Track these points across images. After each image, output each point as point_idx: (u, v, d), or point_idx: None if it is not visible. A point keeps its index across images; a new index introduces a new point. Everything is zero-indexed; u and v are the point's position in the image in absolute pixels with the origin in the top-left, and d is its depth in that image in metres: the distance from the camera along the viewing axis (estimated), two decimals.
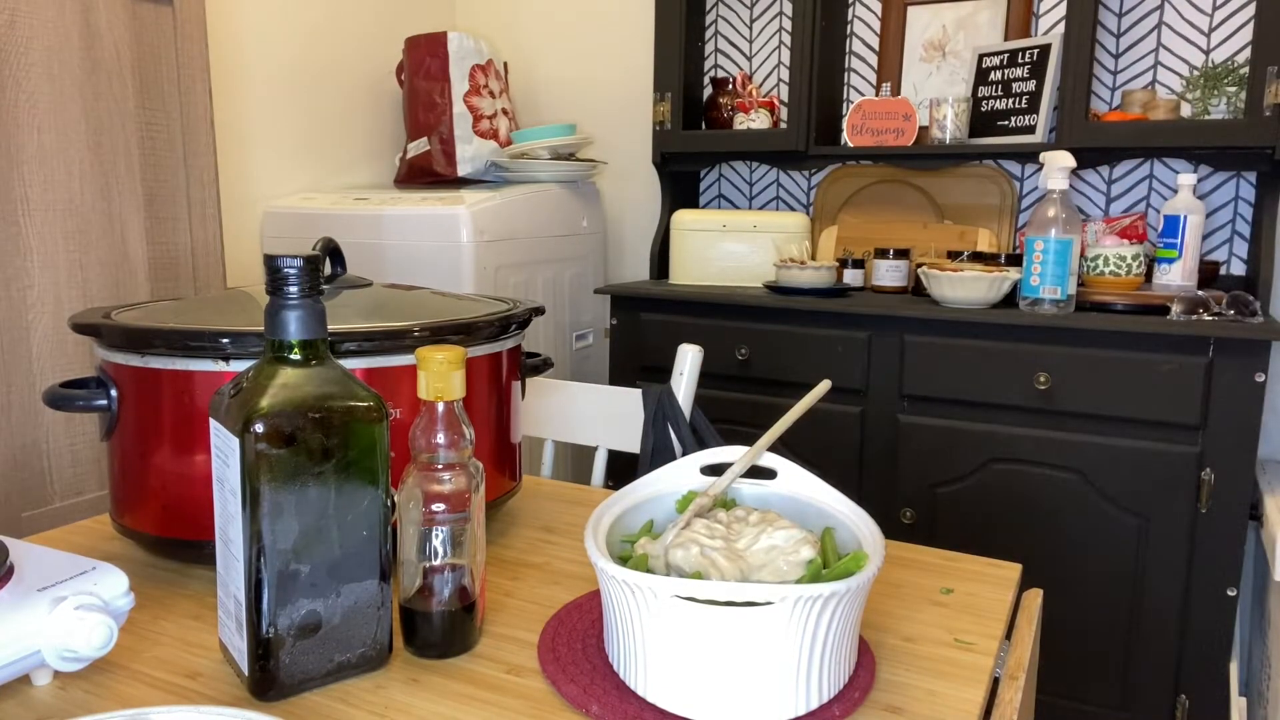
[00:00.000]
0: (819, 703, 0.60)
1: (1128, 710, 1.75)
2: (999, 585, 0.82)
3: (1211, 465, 1.62)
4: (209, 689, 0.64)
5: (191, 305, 0.91)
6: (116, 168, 1.64)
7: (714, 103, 2.33)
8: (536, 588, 0.81)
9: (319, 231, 2.06)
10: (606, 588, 0.62)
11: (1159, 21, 2.00)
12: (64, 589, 0.63)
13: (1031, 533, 1.77)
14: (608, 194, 2.60)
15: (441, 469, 0.66)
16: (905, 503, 1.88)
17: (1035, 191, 2.17)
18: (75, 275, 1.59)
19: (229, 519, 0.62)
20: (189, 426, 0.77)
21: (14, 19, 1.48)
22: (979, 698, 0.64)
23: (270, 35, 2.17)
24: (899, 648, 0.71)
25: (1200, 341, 1.61)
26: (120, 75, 1.64)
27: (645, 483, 0.75)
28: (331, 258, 0.96)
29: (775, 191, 2.47)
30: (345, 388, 0.63)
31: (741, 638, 0.56)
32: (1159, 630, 1.70)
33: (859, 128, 2.11)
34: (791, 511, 0.72)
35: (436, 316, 0.85)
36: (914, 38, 2.24)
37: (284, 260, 0.61)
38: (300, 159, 2.28)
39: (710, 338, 2.02)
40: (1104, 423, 1.70)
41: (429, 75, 2.26)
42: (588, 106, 2.64)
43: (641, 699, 0.61)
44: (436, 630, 0.68)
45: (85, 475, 1.61)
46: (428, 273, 1.95)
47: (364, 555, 0.64)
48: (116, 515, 0.84)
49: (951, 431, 1.82)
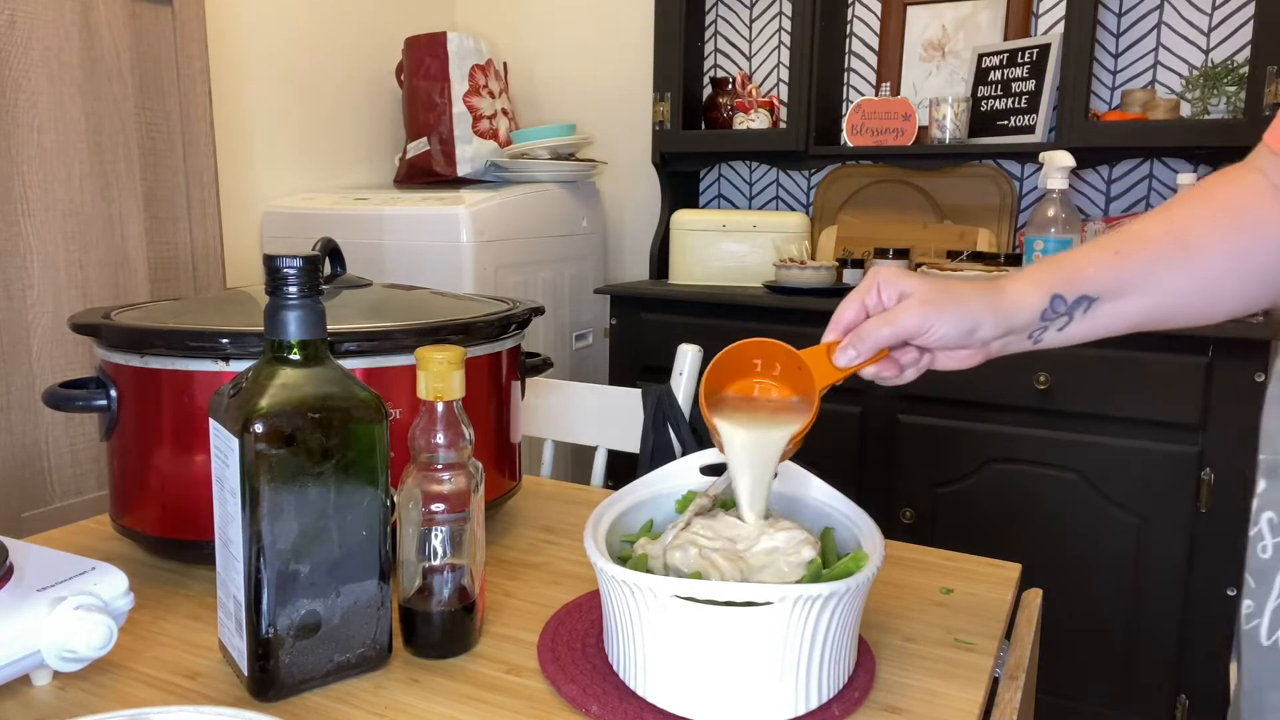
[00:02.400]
0: (819, 703, 0.60)
1: (1128, 710, 1.75)
2: (999, 585, 0.82)
3: (1211, 465, 1.62)
4: (209, 689, 0.64)
5: (191, 305, 0.91)
6: (116, 168, 1.64)
7: (714, 102, 2.33)
8: (536, 588, 0.81)
9: (319, 231, 2.05)
10: (606, 588, 0.62)
11: (1159, 21, 2.00)
12: (64, 589, 0.63)
13: (1031, 533, 1.77)
14: (607, 194, 2.60)
15: (441, 469, 0.66)
16: (905, 503, 1.88)
17: (1035, 191, 2.17)
18: (75, 275, 1.59)
19: (229, 519, 0.62)
20: (189, 426, 0.77)
21: (14, 19, 1.48)
22: (979, 698, 0.64)
23: (270, 35, 2.17)
24: (899, 648, 0.71)
25: (1200, 341, 1.61)
26: (120, 75, 1.64)
27: (645, 483, 0.75)
28: (331, 258, 0.96)
29: (775, 191, 2.47)
30: (345, 388, 0.63)
31: (741, 638, 0.56)
32: (1159, 630, 1.70)
33: (859, 128, 2.11)
34: (791, 511, 0.72)
35: (436, 316, 0.85)
36: (914, 37, 2.24)
37: (284, 260, 0.61)
38: (300, 159, 2.28)
39: (710, 338, 2.01)
40: (1104, 423, 1.70)
41: (429, 75, 2.26)
42: (588, 106, 2.64)
43: (641, 699, 0.61)
44: (436, 630, 0.68)
45: (85, 475, 1.61)
46: (428, 273, 1.95)
47: (364, 555, 0.64)
48: (116, 515, 0.84)
49: (951, 431, 1.82)
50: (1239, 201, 0.69)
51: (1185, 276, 0.69)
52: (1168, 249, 0.68)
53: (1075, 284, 0.68)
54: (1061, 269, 0.69)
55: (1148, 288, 0.68)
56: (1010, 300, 0.67)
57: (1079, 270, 0.68)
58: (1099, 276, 0.68)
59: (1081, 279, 0.68)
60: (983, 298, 0.67)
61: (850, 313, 0.68)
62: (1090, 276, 0.68)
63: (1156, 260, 0.68)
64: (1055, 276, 0.68)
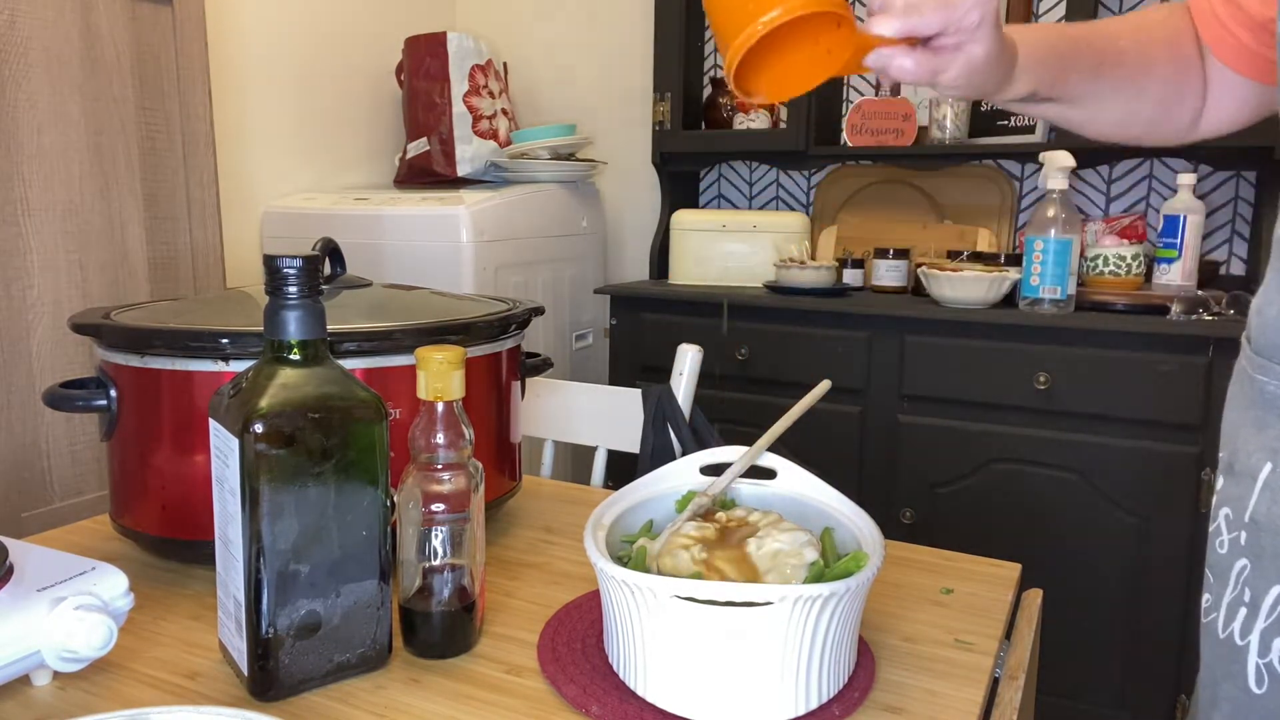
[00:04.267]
0: (819, 703, 0.60)
1: (1128, 710, 1.75)
2: (999, 585, 0.82)
3: (1211, 465, 1.62)
4: (209, 689, 0.64)
5: (191, 305, 0.91)
6: (116, 168, 1.64)
7: (714, 102, 2.33)
8: (536, 588, 0.81)
9: (319, 231, 2.05)
10: (606, 588, 0.62)
11: None
12: (64, 589, 0.63)
13: (1031, 533, 1.77)
14: (607, 194, 2.60)
15: (441, 469, 0.66)
16: (905, 503, 1.88)
17: (1035, 191, 2.17)
18: (75, 275, 1.59)
19: (229, 519, 0.62)
20: (189, 427, 0.77)
21: (14, 19, 1.48)
22: (979, 698, 0.64)
23: (270, 35, 2.17)
24: (899, 648, 0.71)
25: (1200, 341, 1.61)
26: (120, 75, 1.64)
27: (645, 483, 0.75)
28: (331, 258, 0.96)
29: (775, 191, 2.47)
30: (345, 388, 0.63)
31: (741, 638, 0.56)
32: (1159, 630, 1.70)
33: (859, 128, 2.11)
34: (791, 511, 0.72)
35: (436, 316, 0.85)
36: None
37: (283, 260, 0.61)
38: (300, 159, 2.28)
39: (710, 338, 2.02)
40: (1104, 423, 1.70)
41: (429, 75, 2.26)
42: (588, 106, 2.64)
43: (641, 699, 0.61)
44: (436, 630, 0.68)
45: (85, 475, 1.61)
46: (428, 273, 1.95)
47: (363, 555, 0.64)
48: (116, 515, 0.84)
49: (951, 431, 1.82)
50: (1184, 52, 0.76)
51: (1127, 102, 0.75)
52: (1132, 75, 0.74)
53: (1056, 86, 0.72)
54: (1057, 65, 0.72)
55: (1098, 103, 0.75)
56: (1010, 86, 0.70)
57: (1065, 74, 0.72)
58: (1077, 85, 0.73)
59: (1063, 84, 0.73)
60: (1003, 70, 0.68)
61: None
62: (1070, 84, 0.73)
63: (1120, 82, 0.74)
64: (1049, 72, 0.71)
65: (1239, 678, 0.62)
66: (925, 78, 0.65)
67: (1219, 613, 0.64)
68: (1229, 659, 0.63)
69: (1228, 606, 0.63)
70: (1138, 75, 0.75)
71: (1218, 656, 0.64)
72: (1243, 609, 0.62)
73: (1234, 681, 0.62)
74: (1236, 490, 0.64)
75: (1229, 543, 0.64)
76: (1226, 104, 0.77)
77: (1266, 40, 0.70)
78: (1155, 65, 0.75)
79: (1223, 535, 0.65)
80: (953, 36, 0.63)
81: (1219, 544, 0.65)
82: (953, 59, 0.64)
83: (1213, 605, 0.65)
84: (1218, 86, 0.76)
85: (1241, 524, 0.63)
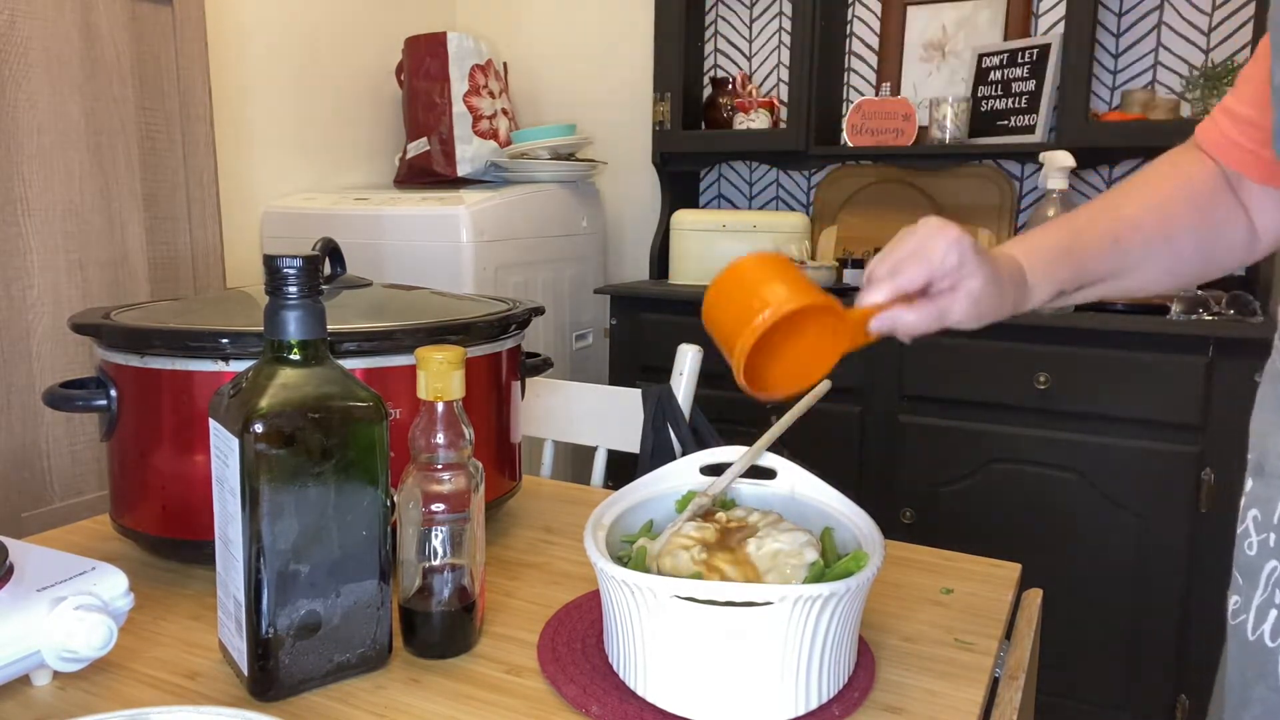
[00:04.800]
0: (819, 703, 0.60)
1: (1128, 710, 1.75)
2: (999, 585, 0.82)
3: (1211, 465, 1.62)
4: (209, 689, 0.64)
5: (191, 305, 0.91)
6: (116, 168, 1.64)
7: (714, 103, 2.33)
8: (536, 588, 0.81)
9: (319, 231, 2.05)
10: (606, 588, 0.62)
11: (1159, 21, 2.00)
12: (64, 589, 0.63)
13: (1031, 533, 1.77)
14: (607, 194, 2.60)
15: (441, 469, 0.66)
16: (905, 503, 1.88)
17: (1035, 191, 2.16)
18: (75, 275, 1.59)
19: (229, 519, 0.62)
20: (189, 427, 0.77)
21: (14, 19, 1.48)
22: (979, 698, 0.64)
23: (270, 35, 2.17)
24: (899, 648, 0.71)
25: (1200, 341, 1.61)
26: (120, 75, 1.64)
27: (645, 483, 0.75)
28: (331, 258, 0.96)
29: (775, 191, 2.47)
30: (345, 388, 0.63)
31: (741, 638, 0.56)
32: (1159, 630, 1.70)
33: (859, 128, 2.11)
34: (791, 511, 0.72)
35: (436, 316, 0.85)
36: (914, 37, 2.24)
37: (284, 260, 0.61)
38: (300, 159, 2.28)
39: (710, 338, 2.01)
40: (1104, 423, 1.70)
41: (429, 75, 2.25)
42: (588, 106, 2.64)
43: (641, 699, 0.61)
44: (436, 630, 0.68)
45: (85, 475, 1.61)
46: (427, 273, 1.95)
47: (363, 555, 0.64)
48: (116, 515, 0.84)
49: (951, 431, 1.82)
50: (1206, 193, 0.74)
51: (1164, 261, 0.74)
52: (1153, 238, 0.73)
53: (1079, 276, 0.72)
54: (1070, 261, 0.71)
55: (1133, 274, 0.74)
56: (1030, 297, 0.71)
57: (1083, 264, 0.72)
58: (1099, 268, 0.72)
59: (1085, 272, 0.72)
60: (1013, 287, 0.69)
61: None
62: (1092, 270, 0.72)
63: (1145, 249, 0.73)
64: (1064, 270, 0.71)
65: (1270, 679, 0.61)
66: (934, 324, 0.67)
67: (1248, 615, 0.64)
68: (1260, 661, 0.62)
69: (1257, 609, 0.63)
70: (1163, 232, 0.73)
71: (1248, 658, 0.64)
72: (1273, 611, 0.61)
73: (1266, 683, 0.62)
74: (1266, 492, 0.63)
75: (1258, 544, 0.63)
76: (1277, 216, 0.74)
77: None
78: (1175, 218, 0.73)
79: (1251, 537, 0.64)
80: (943, 280, 0.65)
81: (1247, 546, 0.64)
82: (954, 299, 0.66)
83: (1241, 607, 0.65)
84: (1259, 201, 0.74)
85: (1271, 526, 0.62)
